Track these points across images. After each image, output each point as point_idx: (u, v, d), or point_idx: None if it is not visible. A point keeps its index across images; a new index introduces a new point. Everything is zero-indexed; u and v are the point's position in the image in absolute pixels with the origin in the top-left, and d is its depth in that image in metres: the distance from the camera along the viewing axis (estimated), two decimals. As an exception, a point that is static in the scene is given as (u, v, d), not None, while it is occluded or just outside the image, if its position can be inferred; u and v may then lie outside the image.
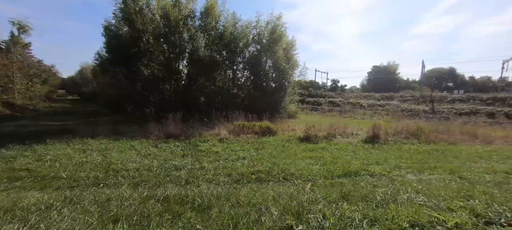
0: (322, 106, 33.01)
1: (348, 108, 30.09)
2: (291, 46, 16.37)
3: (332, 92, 46.67)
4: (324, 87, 52.55)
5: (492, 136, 8.84)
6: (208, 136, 7.57)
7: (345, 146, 7.11)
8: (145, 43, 11.99)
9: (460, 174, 4.63)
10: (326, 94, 43.18)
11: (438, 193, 3.50)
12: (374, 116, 22.32)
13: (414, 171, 4.79)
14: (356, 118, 20.72)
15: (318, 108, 31.85)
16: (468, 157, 6.14)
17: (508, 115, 22.60)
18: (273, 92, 15.37)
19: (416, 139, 8.15)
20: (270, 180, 4.16)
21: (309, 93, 45.21)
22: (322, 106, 33.01)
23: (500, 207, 3.05)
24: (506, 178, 4.49)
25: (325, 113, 26.66)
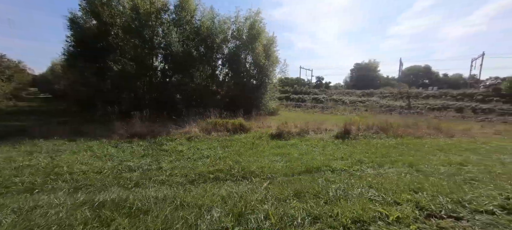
0: (305, 103, 33.44)
1: (331, 105, 30.73)
2: (272, 43, 16.27)
3: (316, 89, 47.47)
4: (309, 84, 53.39)
5: (455, 130, 9.32)
6: (177, 135, 7.25)
7: (316, 142, 7.11)
8: (114, 38, 11.29)
9: (417, 167, 4.75)
10: (310, 91, 43.79)
11: (390, 187, 3.53)
12: (353, 112, 22.94)
13: (375, 165, 4.85)
14: (337, 114, 21.18)
15: (301, 105, 32.23)
16: (429, 150, 6.37)
17: (475, 109, 24.17)
18: (253, 89, 15.24)
19: (385, 133, 8.38)
20: (228, 179, 4.00)
21: (294, 90, 45.68)
22: (305, 103, 33.44)
23: (444, 199, 3.11)
24: (459, 169, 4.67)
25: (308, 110, 26.98)
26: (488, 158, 5.66)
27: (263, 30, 14.62)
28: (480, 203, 3.02)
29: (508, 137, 8.64)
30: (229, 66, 14.98)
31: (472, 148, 6.68)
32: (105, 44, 11.29)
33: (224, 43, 14.23)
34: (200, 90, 13.88)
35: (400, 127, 9.13)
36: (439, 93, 31.14)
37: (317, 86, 56.74)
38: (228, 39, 14.76)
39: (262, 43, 15.21)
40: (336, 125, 9.55)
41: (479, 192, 3.40)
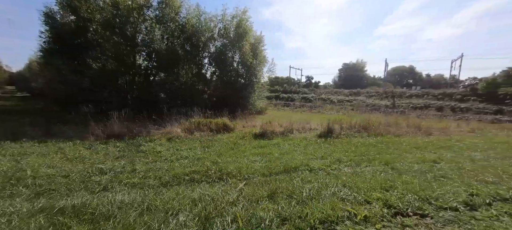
0: (294, 102, 33.72)
1: (319, 104, 31.18)
2: (259, 42, 16.23)
3: (306, 88, 48.00)
4: (299, 84, 53.92)
5: (433, 128, 9.68)
6: (157, 135, 7.04)
7: (299, 141, 7.14)
8: (94, 34, 10.80)
9: (393, 165, 4.86)
10: (300, 91, 44.23)
11: (363, 186, 3.57)
12: (340, 111, 23.38)
13: (352, 164, 4.92)
14: (324, 113, 21.48)
15: (290, 104, 32.47)
16: (406, 148, 6.56)
17: (454, 108, 25.32)
18: (241, 89, 15.13)
19: (366, 132, 8.56)
20: (203, 180, 3.90)
21: (284, 90, 45.98)
22: (294, 102, 33.72)
23: (412, 197, 3.18)
24: (431, 167, 4.83)
25: (297, 109, 27.21)
26: (460, 155, 5.91)
27: (250, 29, 14.54)
28: (446, 200, 3.12)
29: (481, 135, 9.09)
30: (216, 65, 14.79)
31: (447, 146, 6.96)
32: (84, 40, 10.77)
33: (210, 41, 14.02)
34: (186, 89, 13.61)
35: (382, 125, 9.37)
36: (422, 93, 32.38)
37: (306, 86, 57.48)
38: (214, 38, 14.55)
39: (249, 42, 15.14)
40: (321, 124, 9.66)
41: (446, 189, 3.51)
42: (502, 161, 5.46)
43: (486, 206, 2.99)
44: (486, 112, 21.50)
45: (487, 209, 2.93)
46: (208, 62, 14.24)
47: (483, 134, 9.19)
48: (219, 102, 13.91)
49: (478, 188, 3.54)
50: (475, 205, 3.01)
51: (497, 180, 3.98)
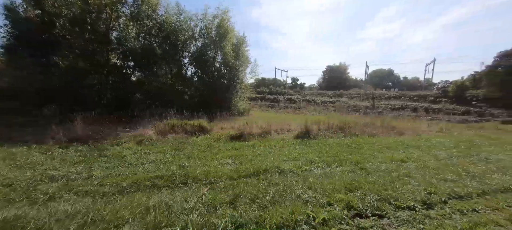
0: (279, 103, 33.97)
1: (303, 105, 31.67)
2: (242, 42, 16.10)
3: (291, 90, 48.64)
4: (284, 85, 54.54)
5: (405, 128, 10.11)
6: (126, 138, 6.64)
7: (275, 142, 7.09)
8: (61, 30, 10.05)
9: (362, 165, 4.93)
10: (285, 92, 44.72)
11: (329, 187, 3.55)
12: (323, 112, 23.91)
13: (324, 165, 4.92)
14: (307, 114, 21.81)
15: (275, 105, 32.65)
16: (378, 148, 6.74)
17: (427, 109, 26.83)
18: (223, 89, 14.89)
19: (343, 133, 8.73)
20: (165, 186, 3.68)
21: (269, 91, 46.24)
22: (279, 103, 33.97)
23: (374, 197, 3.20)
24: (398, 166, 4.96)
25: (281, 110, 27.42)
26: (427, 154, 6.15)
27: (232, 29, 14.38)
28: (405, 199, 3.17)
29: (448, 134, 9.62)
30: (197, 66, 14.45)
31: (416, 145, 7.24)
32: (50, 37, 9.99)
33: (190, 41, 13.66)
34: (166, 90, 13.13)
35: (358, 126, 9.62)
36: (399, 94, 34.03)
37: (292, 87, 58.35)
38: (195, 37, 14.22)
39: (232, 42, 14.97)
40: (301, 125, 9.72)
41: (407, 188, 3.59)
42: (463, 158, 5.76)
43: (441, 204, 3.08)
44: (455, 113, 23.04)
45: (442, 207, 3.01)
46: (189, 62, 13.85)
47: (450, 133, 9.74)
48: (201, 104, 13.57)
49: (437, 186, 3.66)
50: (431, 204, 3.09)
51: (456, 178, 4.16)
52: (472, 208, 2.98)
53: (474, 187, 3.71)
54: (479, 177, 4.23)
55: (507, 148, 7.03)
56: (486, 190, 3.61)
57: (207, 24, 14.15)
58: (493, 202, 3.18)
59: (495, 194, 3.47)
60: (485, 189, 3.64)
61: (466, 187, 3.67)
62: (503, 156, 6.09)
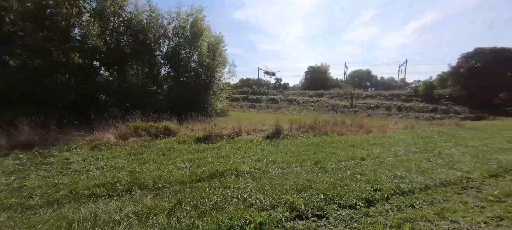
0: (261, 104, 34.06)
1: (284, 105, 32.03)
2: (219, 42, 15.84)
3: (274, 90, 49.02)
4: (268, 85, 54.90)
5: (374, 126, 10.51)
6: (80, 143, 6.15)
7: (243, 143, 6.97)
8: (11, 26, 9.12)
9: (323, 164, 4.96)
10: (268, 92, 45.03)
11: (280, 188, 3.49)
12: (302, 111, 24.35)
13: (284, 165, 4.88)
14: (286, 114, 22.06)
15: (256, 105, 32.69)
16: (343, 146, 6.88)
17: (400, 107, 28.35)
18: (199, 90, 14.51)
19: (313, 132, 8.85)
20: (105, 195, 3.39)
21: (253, 91, 46.29)
22: (261, 104, 34.06)
23: (320, 197, 3.18)
24: (357, 164, 5.05)
25: (262, 110, 27.50)
26: (387, 151, 6.38)
27: (207, 28, 14.07)
28: (350, 198, 3.19)
29: (411, 131, 10.14)
30: (171, 65, 13.94)
31: (380, 142, 7.52)
32: (-1, 33, 9.01)
33: (162, 39, 13.14)
34: (137, 90, 12.50)
35: (329, 125, 9.82)
36: (375, 94, 35.65)
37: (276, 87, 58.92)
38: (168, 36, 13.72)
39: (208, 41, 14.66)
40: (273, 125, 9.71)
41: (357, 186, 3.64)
42: (419, 154, 6.05)
43: (383, 201, 3.13)
44: (424, 111, 24.58)
45: (383, 204, 3.07)
46: (162, 62, 13.31)
47: (413, 130, 10.29)
48: (176, 105, 13.11)
49: (385, 183, 3.75)
50: (374, 201, 3.14)
51: (406, 174, 4.30)
52: (410, 203, 3.07)
53: (419, 182, 3.85)
54: (427, 172, 4.42)
55: (460, 143, 7.54)
56: (429, 184, 3.77)
57: (181, 22, 13.72)
58: (431, 196, 3.31)
59: (435, 189, 3.62)
60: (429, 184, 3.79)
61: (411, 183, 3.80)
62: (455, 150, 6.50)
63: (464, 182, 3.96)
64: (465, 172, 4.45)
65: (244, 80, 66.74)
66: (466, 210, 2.81)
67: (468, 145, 7.26)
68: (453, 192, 3.50)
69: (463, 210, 2.79)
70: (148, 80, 13.16)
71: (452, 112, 21.86)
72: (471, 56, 26.52)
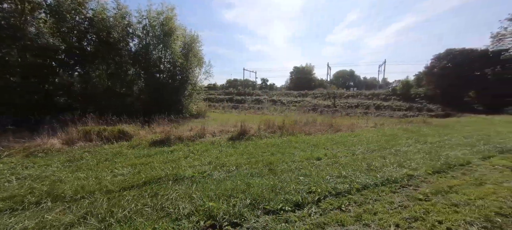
0: (244, 104, 33.83)
1: (268, 105, 31.99)
2: (193, 42, 15.41)
3: (259, 90, 48.98)
4: (253, 86, 54.78)
5: (343, 125, 10.58)
6: (14, 149, 5.58)
7: (202, 146, 6.69)
8: None
9: (274, 166, 4.78)
10: (254, 93, 44.92)
11: (210, 194, 3.25)
12: (284, 111, 24.36)
13: (232, 168, 4.65)
14: (267, 114, 21.95)
15: (239, 106, 32.41)
16: (305, 146, 6.76)
17: (379, 106, 29.19)
18: (172, 91, 14.00)
19: (281, 131, 8.72)
20: (8, 208, 2.98)
21: (238, 92, 46.01)
22: (244, 104, 33.83)
23: (245, 203, 2.98)
24: (309, 164, 4.91)
25: (243, 111, 27.25)
26: (347, 150, 6.33)
27: (179, 27, 13.62)
28: (278, 202, 3.01)
29: (379, 129, 10.31)
30: (141, 66, 13.34)
31: (344, 141, 7.50)
32: None
33: (131, 38, 12.54)
34: (102, 92, 11.81)
35: (298, 124, 9.75)
36: (356, 93, 36.55)
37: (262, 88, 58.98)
38: (138, 35, 13.12)
39: (182, 41, 14.21)
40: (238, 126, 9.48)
41: (295, 187, 3.47)
42: (377, 152, 6.05)
43: (312, 204, 2.98)
44: (400, 109, 25.46)
45: (311, 207, 2.91)
46: (130, 62, 12.69)
47: (381, 128, 10.46)
48: (148, 107, 12.55)
49: (324, 184, 3.62)
50: (303, 204, 2.98)
51: (352, 174, 4.20)
52: (339, 205, 2.94)
53: (360, 182, 3.76)
54: (375, 170, 4.36)
55: (420, 140, 7.69)
56: (369, 184, 3.68)
57: (152, 21, 13.18)
58: (364, 196, 3.21)
59: (373, 188, 3.54)
60: (369, 183, 3.71)
61: (352, 183, 3.70)
62: (412, 148, 6.58)
63: (405, 179, 3.92)
64: (411, 169, 4.44)
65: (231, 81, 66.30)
66: (387, 211, 2.71)
67: (427, 141, 7.43)
68: (389, 191, 3.43)
69: (384, 212, 2.69)
70: (116, 81, 12.49)
71: (425, 110, 22.77)
72: (442, 56, 27.86)
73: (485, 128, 10.67)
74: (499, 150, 6.17)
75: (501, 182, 3.61)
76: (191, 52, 15.03)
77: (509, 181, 3.63)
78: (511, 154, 5.80)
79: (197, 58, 15.65)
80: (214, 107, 30.93)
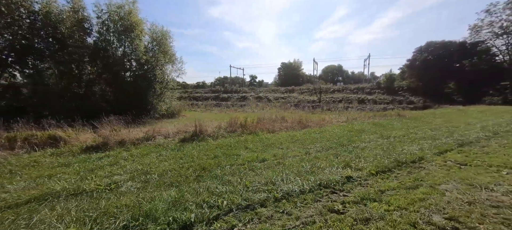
0: (227, 102, 33.16)
1: (251, 103, 31.42)
2: (162, 37, 14.55)
3: (246, 87, 48.26)
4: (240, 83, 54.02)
5: (313, 121, 10.13)
6: None
7: (144, 150, 6.04)
8: None
9: (204, 172, 4.20)
10: (240, 90, 44.23)
11: (91, 215, 2.64)
12: (265, 108, 23.90)
13: (155, 177, 4.04)
14: (247, 112, 21.39)
15: (222, 104, 31.70)
16: (258, 146, 6.22)
17: (363, 100, 29.15)
18: (138, 90, 13.15)
19: (242, 130, 8.16)
20: None
21: (224, 89, 45.25)
22: (227, 102, 33.16)
23: (118, 225, 2.39)
24: (249, 167, 4.38)
25: (226, 109, 26.60)
26: (303, 148, 5.82)
27: (142, 21, 12.74)
28: (160, 224, 2.43)
29: (347, 124, 9.91)
30: (103, 64, 12.42)
31: (304, 139, 6.98)
32: None
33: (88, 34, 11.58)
34: (57, 94, 10.87)
35: (262, 122, 9.21)
36: (342, 87, 36.51)
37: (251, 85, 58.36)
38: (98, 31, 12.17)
39: (150, 36, 13.34)
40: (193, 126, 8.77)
41: (202, 200, 2.91)
42: (333, 150, 5.58)
43: (204, 224, 2.42)
44: (384, 102, 25.46)
45: (200, 228, 2.35)
46: (87, 61, 11.75)
47: (351, 123, 10.08)
48: (113, 108, 11.69)
49: (236, 194, 3.07)
50: (193, 224, 2.41)
51: (287, 178, 3.67)
52: (231, 227, 2.39)
53: (285, 190, 3.20)
54: (315, 173, 3.86)
55: (384, 135, 7.31)
56: (294, 192, 3.16)
57: (112, 16, 12.24)
58: (274, 210, 2.68)
59: (296, 197, 3.01)
60: (294, 191, 3.18)
61: (273, 191, 3.16)
62: (373, 143, 6.17)
63: (340, 184, 3.43)
64: (356, 170, 3.98)
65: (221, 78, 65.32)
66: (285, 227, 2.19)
67: (390, 136, 7.05)
68: (311, 199, 2.92)
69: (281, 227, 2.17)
70: (71, 81, 11.54)
71: (406, 103, 22.81)
72: (423, 49, 28.02)
73: (456, 119, 10.49)
74: (460, 143, 5.84)
75: (439, 183, 3.17)
76: (160, 48, 14.19)
77: (448, 182, 3.19)
78: (470, 147, 5.46)
79: (168, 55, 14.83)
80: (197, 106, 30.10)
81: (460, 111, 13.93)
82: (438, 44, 27.13)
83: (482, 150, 5.11)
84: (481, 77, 21.68)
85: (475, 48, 23.90)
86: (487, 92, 21.09)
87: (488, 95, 20.80)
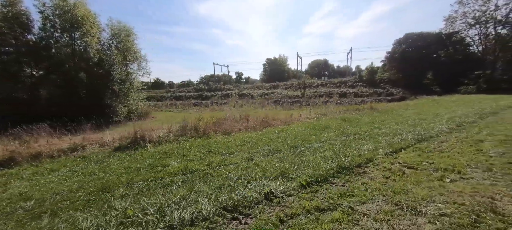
0: (206, 101, 32.13)
1: (233, 100, 30.55)
2: (126, 34, 13.34)
3: (231, 85, 47.19)
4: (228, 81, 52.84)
5: (277, 119, 9.45)
6: None
7: (62, 163, 5.11)
8: None
9: (101, 194, 3.38)
10: (224, 88, 43.20)
11: None
12: (244, 105, 23.13)
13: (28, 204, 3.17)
14: (223, 110, 20.51)
15: (202, 103, 30.64)
16: (201, 152, 5.42)
17: (345, 94, 28.96)
18: (92, 92, 11.96)
19: (196, 132, 7.35)
20: None
21: (208, 88, 44.02)
22: (206, 101, 32.13)
23: None
24: (155, 185, 3.58)
25: (205, 108, 25.58)
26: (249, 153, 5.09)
27: (92, 15, 11.50)
28: None
29: (315, 120, 9.33)
30: (51, 64, 11.12)
31: (255, 141, 6.22)
32: None
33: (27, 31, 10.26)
34: None
35: (225, 121, 8.45)
36: (326, 82, 36.32)
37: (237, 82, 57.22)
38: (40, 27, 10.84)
39: (112, 33, 12.12)
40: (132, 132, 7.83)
41: None
42: (281, 154, 4.90)
43: None
44: (366, 95, 25.32)
45: None
46: (26, 61, 10.43)
47: (319, 119, 9.50)
48: (61, 112, 10.47)
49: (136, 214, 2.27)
50: None
51: (195, 198, 2.92)
52: None
53: (175, 219, 2.45)
54: (234, 189, 3.13)
55: (346, 132, 6.72)
56: (185, 222, 2.40)
57: (57, 9, 10.92)
58: None
59: (191, 225, 2.25)
60: (184, 221, 2.43)
61: (158, 222, 2.39)
62: (328, 143, 5.54)
63: (251, 204, 2.71)
64: (286, 181, 3.28)
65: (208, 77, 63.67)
66: None
67: (351, 133, 6.46)
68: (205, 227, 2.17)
69: None
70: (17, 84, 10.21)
71: (385, 95, 22.74)
72: (402, 41, 28.09)
73: (427, 110, 10.17)
74: (419, 138, 5.32)
75: (364, 201, 2.51)
76: (121, 45, 12.99)
77: (375, 199, 2.53)
78: (428, 143, 4.94)
79: (131, 53, 13.64)
80: (175, 106, 28.84)
81: (433, 102, 13.76)
82: (416, 35, 27.27)
83: (439, 146, 4.58)
84: (457, 67, 21.91)
85: (450, 39, 24.15)
86: (463, 81, 21.33)
87: (463, 85, 21.04)
